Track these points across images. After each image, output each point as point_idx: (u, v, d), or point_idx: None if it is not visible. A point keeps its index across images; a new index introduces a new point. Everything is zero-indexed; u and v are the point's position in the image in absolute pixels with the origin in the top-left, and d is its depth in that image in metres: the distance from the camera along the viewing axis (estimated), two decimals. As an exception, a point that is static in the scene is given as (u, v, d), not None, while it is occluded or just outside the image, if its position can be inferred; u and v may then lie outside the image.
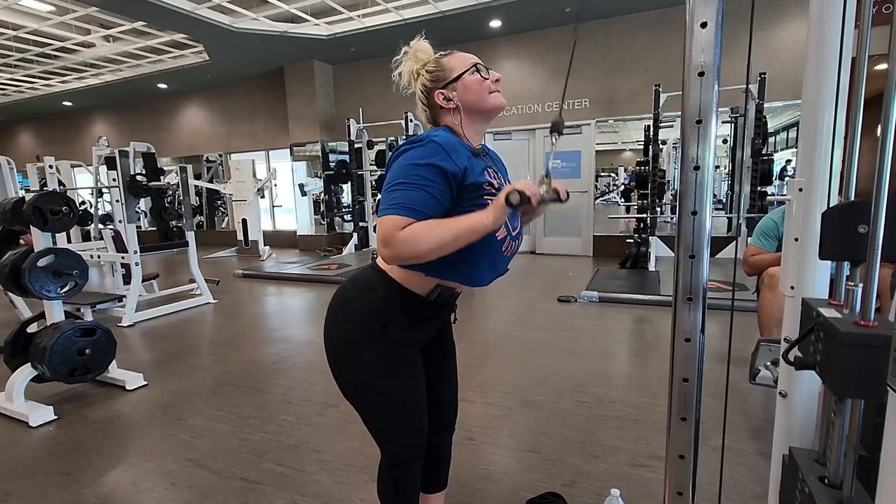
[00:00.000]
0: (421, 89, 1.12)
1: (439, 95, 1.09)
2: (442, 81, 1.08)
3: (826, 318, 0.81)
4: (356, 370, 1.11)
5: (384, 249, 0.94)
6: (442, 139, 0.99)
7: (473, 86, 1.08)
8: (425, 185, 0.95)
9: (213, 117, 10.20)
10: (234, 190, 8.33)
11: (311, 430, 2.24)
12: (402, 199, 0.94)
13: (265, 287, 5.78)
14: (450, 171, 0.97)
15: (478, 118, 1.11)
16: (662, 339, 3.43)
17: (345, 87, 8.80)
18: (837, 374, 0.77)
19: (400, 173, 0.97)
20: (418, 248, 0.92)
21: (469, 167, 1.01)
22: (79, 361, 2.54)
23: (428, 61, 1.11)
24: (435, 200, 0.96)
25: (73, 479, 1.91)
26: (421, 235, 0.92)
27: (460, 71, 1.08)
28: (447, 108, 1.09)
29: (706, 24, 0.94)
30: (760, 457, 1.86)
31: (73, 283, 2.64)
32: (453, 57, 1.10)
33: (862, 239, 0.79)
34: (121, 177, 4.32)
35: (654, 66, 6.49)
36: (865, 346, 0.72)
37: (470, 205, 1.01)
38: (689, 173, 1.01)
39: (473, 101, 1.08)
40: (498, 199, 0.94)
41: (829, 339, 0.78)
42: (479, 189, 1.02)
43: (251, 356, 3.32)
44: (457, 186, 0.99)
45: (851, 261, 0.85)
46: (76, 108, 11.49)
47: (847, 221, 0.84)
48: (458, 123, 1.09)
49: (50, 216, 2.59)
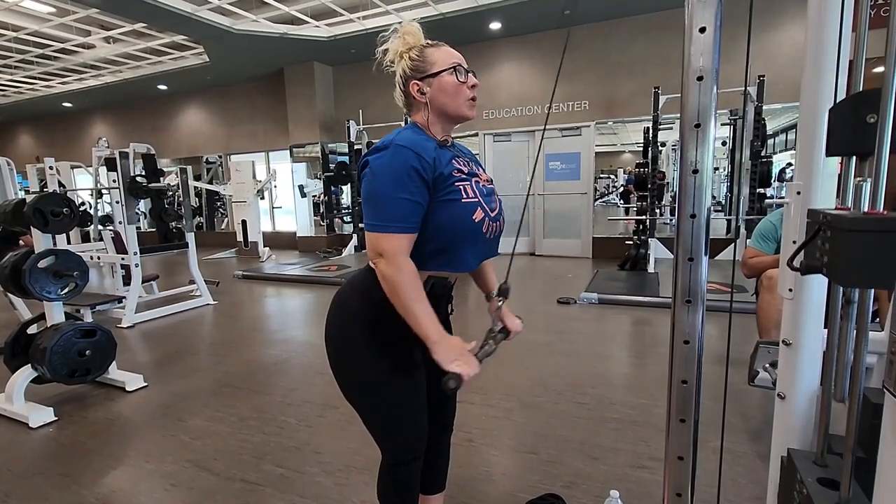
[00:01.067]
0: (401, 73, 1.11)
1: (414, 86, 1.08)
2: (421, 72, 1.08)
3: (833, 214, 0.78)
4: (356, 370, 1.12)
5: (380, 260, 0.99)
6: (406, 140, 1.01)
7: (449, 88, 1.07)
8: (404, 192, 0.98)
9: (213, 118, 10.21)
10: (234, 191, 8.33)
11: (312, 431, 2.24)
12: (389, 214, 0.98)
13: (265, 288, 5.78)
14: (422, 169, 0.99)
15: (445, 121, 1.12)
16: (661, 340, 3.43)
17: (345, 89, 8.81)
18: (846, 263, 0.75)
19: (377, 184, 0.99)
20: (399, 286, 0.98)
21: (437, 158, 1.03)
22: (79, 363, 2.54)
23: (414, 46, 1.10)
24: (417, 205, 1.00)
25: (73, 481, 1.91)
26: (408, 288, 0.98)
27: (440, 68, 1.07)
28: (419, 101, 1.09)
29: (705, 28, 0.95)
30: (759, 459, 1.87)
31: (74, 285, 2.64)
32: (438, 50, 1.09)
33: (870, 130, 0.77)
34: (121, 178, 4.33)
35: (652, 68, 6.51)
36: (876, 232, 0.70)
37: (443, 194, 1.03)
38: (688, 176, 1.02)
39: (446, 103, 1.08)
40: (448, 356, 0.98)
41: (836, 232, 0.76)
42: (448, 178, 1.03)
43: (251, 357, 3.32)
44: (433, 180, 1.01)
45: (859, 154, 0.83)
46: (76, 109, 11.50)
47: (855, 113, 0.82)
48: (426, 120, 1.10)
49: (51, 217, 2.59)
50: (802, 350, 1.18)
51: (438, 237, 1.04)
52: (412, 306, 0.98)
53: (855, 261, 0.74)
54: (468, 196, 1.05)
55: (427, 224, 1.03)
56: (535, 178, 7.42)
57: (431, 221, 1.03)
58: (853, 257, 0.74)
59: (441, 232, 1.04)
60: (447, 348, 0.99)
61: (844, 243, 0.75)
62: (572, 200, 7.09)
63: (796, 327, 1.17)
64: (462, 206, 1.04)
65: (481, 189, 1.09)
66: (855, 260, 0.74)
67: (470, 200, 1.05)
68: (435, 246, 1.05)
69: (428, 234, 1.03)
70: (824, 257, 0.82)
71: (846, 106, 0.86)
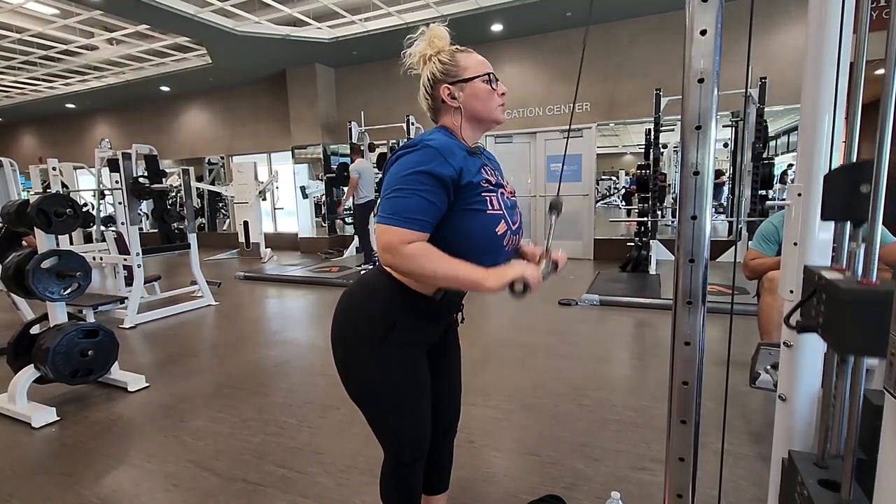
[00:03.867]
0: (428, 76, 1.11)
1: (445, 90, 1.09)
2: (452, 77, 1.08)
3: (828, 279, 0.81)
4: (362, 371, 1.12)
5: (387, 255, 0.97)
6: (437, 143, 1.00)
7: (483, 94, 1.08)
8: (422, 191, 0.97)
9: (216, 119, 10.24)
10: (236, 192, 8.35)
11: (313, 432, 2.24)
12: (403, 209, 0.97)
13: (266, 289, 5.79)
14: (446, 175, 0.99)
15: (476, 125, 1.12)
16: (662, 342, 3.43)
17: (346, 90, 8.83)
18: (840, 332, 0.77)
19: (398, 180, 0.99)
20: (420, 268, 0.96)
21: (465, 167, 1.02)
22: (81, 363, 2.55)
23: (443, 50, 1.10)
24: (433, 206, 0.99)
25: (74, 481, 1.92)
26: (428, 260, 0.96)
27: (474, 74, 1.08)
28: (449, 105, 1.10)
29: (706, 31, 0.96)
30: (761, 460, 1.87)
31: (77, 285, 2.65)
32: (469, 56, 1.10)
33: (864, 199, 0.78)
34: (123, 179, 4.35)
35: (654, 69, 6.51)
36: (868, 303, 0.72)
37: (469, 203, 1.03)
38: (689, 178, 1.02)
39: (480, 109, 1.09)
40: (503, 272, 0.97)
41: (831, 298, 0.78)
42: (476, 188, 1.03)
43: (252, 358, 3.33)
44: (454, 188, 1.01)
45: (853, 220, 0.84)
46: (79, 110, 11.53)
47: (849, 181, 0.83)
48: (458, 125, 1.10)
49: (54, 218, 2.60)
50: (803, 352, 1.18)
51: (458, 246, 1.02)
52: (446, 272, 0.97)
53: (849, 329, 0.76)
54: (493, 208, 1.05)
55: (448, 232, 1.02)
56: (536, 179, 7.43)
57: (453, 229, 1.02)
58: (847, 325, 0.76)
59: (462, 241, 1.03)
60: (500, 273, 0.97)
61: (839, 311, 0.77)
62: (574, 202, 7.09)
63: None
64: (487, 218, 1.04)
65: (506, 202, 1.09)
66: (849, 328, 0.76)
67: (495, 213, 1.05)
68: (454, 255, 1.02)
69: (448, 243, 1.01)
70: (819, 318, 0.85)
71: (840, 174, 0.88)
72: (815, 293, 0.85)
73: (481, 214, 1.03)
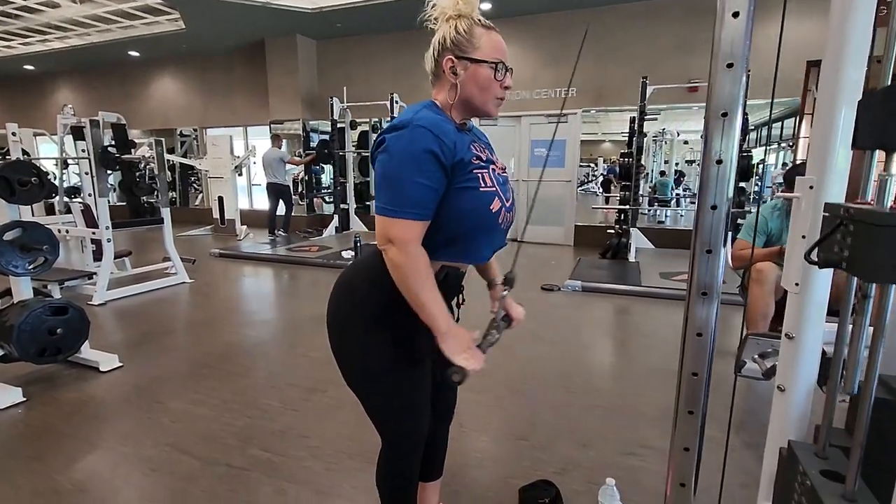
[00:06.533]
0: (440, 39, 1.02)
1: (449, 62, 1.01)
2: (461, 51, 1.00)
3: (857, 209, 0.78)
4: (361, 358, 1.08)
5: (389, 247, 0.94)
6: (426, 121, 0.94)
7: (483, 82, 1.01)
8: (421, 176, 0.92)
9: (189, 89, 9.78)
10: (211, 166, 8.05)
11: (298, 415, 2.19)
12: (405, 200, 0.93)
13: (242, 267, 5.63)
14: (441, 153, 0.93)
15: (466, 110, 1.06)
16: (643, 330, 3.49)
17: (329, 65, 8.54)
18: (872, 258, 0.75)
19: (393, 167, 0.93)
20: (410, 273, 0.94)
21: (457, 142, 0.97)
22: (49, 341, 2.41)
23: (464, 16, 1.01)
24: (434, 192, 0.95)
25: (45, 465, 1.82)
26: (418, 274, 0.94)
27: (483, 57, 1.00)
28: (447, 79, 1.02)
29: (738, 13, 0.92)
30: (744, 448, 1.91)
31: (43, 259, 2.50)
32: (487, 35, 1.01)
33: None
34: (92, 148, 4.10)
35: (641, 57, 6.50)
36: None
37: (461, 181, 0.98)
38: (711, 167, 0.99)
39: (474, 96, 1.02)
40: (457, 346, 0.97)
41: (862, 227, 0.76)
42: (468, 165, 0.98)
43: (230, 339, 3.23)
44: (451, 165, 0.96)
45: (888, 148, 0.82)
46: (39, 72, 10.84)
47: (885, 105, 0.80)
48: (450, 103, 1.03)
49: (17, 187, 2.43)
50: (805, 344, 1.19)
51: (453, 226, 0.99)
52: (422, 295, 0.95)
53: (881, 256, 0.73)
54: (486, 185, 1.00)
55: (441, 211, 0.97)
56: (519, 163, 7.40)
57: (447, 209, 0.97)
58: (879, 252, 0.74)
59: (457, 220, 0.99)
60: (456, 341, 0.97)
61: (870, 238, 0.75)
62: (556, 188, 7.10)
63: (800, 321, 1.17)
64: (480, 195, 0.99)
65: (498, 178, 1.04)
66: (881, 255, 0.73)
67: (488, 189, 1.00)
68: (448, 235, 1.00)
69: (442, 222, 0.98)
70: (844, 251, 0.82)
71: (878, 98, 0.85)
72: (841, 225, 0.81)
73: (474, 192, 0.99)
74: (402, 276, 0.95)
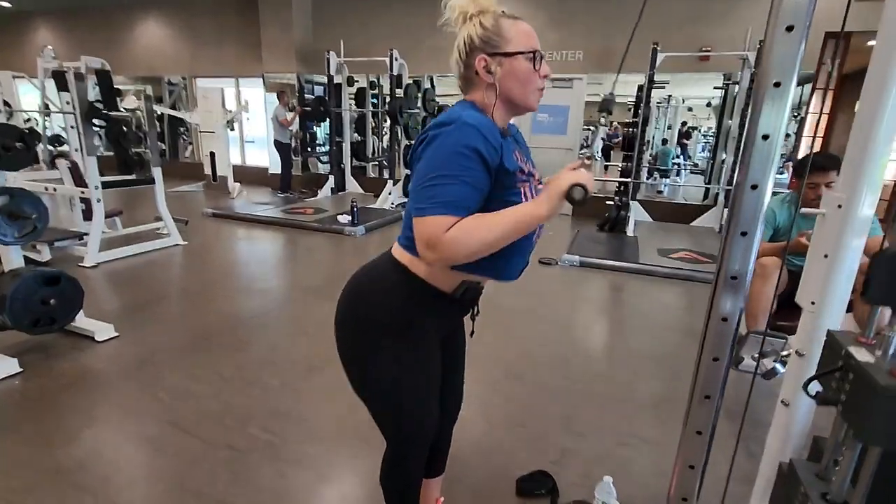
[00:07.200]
0: (465, 39, 0.96)
1: (482, 61, 0.95)
2: (492, 47, 0.94)
3: (858, 360, 0.79)
4: (372, 367, 1.06)
5: (430, 253, 0.87)
6: (474, 120, 0.89)
7: (522, 75, 0.95)
8: (464, 175, 0.86)
9: (176, 36, 9.29)
10: (201, 120, 7.76)
11: (298, 396, 2.20)
12: (442, 196, 0.86)
13: (237, 229, 5.55)
14: (488, 154, 0.88)
15: (508, 108, 1.00)
16: (641, 310, 3.51)
17: (325, 17, 8.11)
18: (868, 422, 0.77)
19: (436, 164, 0.87)
20: (468, 246, 0.85)
21: (504, 146, 0.92)
22: (42, 311, 2.38)
23: (487, 11, 0.94)
24: (477, 191, 0.89)
25: (45, 441, 1.83)
26: (469, 232, 0.85)
27: (517, 49, 0.94)
28: (483, 80, 0.96)
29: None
30: (732, 437, 1.95)
31: (32, 227, 2.42)
32: (515, 25, 0.95)
33: None
34: (77, 102, 3.91)
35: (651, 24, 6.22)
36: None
37: (504, 193, 0.93)
38: (757, 143, 0.91)
39: (515, 91, 0.96)
40: (553, 189, 0.86)
41: (861, 384, 0.77)
42: (512, 176, 0.93)
43: (228, 309, 3.21)
44: (494, 170, 0.91)
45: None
46: (14, 9, 10.20)
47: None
48: (491, 104, 0.97)
49: (2, 151, 2.31)
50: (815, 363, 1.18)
51: None
52: (496, 234, 0.86)
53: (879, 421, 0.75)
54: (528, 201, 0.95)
55: None
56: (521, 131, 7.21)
57: None
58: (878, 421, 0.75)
59: None
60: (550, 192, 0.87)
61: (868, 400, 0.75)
62: (555, 156, 6.96)
63: (812, 339, 1.16)
64: None
65: (537, 192, 1.00)
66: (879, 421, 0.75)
67: None
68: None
69: None
70: (841, 395, 0.83)
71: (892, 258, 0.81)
72: (841, 370, 0.83)
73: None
74: (471, 250, 0.86)
